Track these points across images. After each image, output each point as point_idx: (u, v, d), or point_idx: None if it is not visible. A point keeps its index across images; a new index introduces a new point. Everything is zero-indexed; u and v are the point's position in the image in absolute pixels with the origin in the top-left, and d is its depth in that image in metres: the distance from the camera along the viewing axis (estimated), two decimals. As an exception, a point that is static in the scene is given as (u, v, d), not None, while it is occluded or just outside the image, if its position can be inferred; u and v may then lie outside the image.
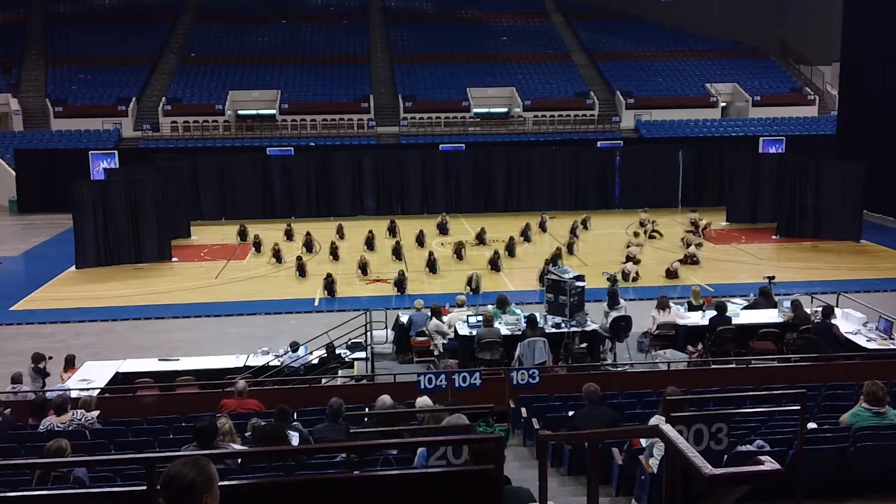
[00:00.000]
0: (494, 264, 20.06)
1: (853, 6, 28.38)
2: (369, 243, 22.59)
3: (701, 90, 38.83)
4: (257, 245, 22.80)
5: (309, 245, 22.70)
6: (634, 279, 18.60)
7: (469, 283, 17.93)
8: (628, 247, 20.92)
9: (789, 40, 42.74)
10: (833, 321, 12.53)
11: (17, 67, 38.23)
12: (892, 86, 25.92)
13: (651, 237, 23.36)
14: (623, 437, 7.57)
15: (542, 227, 24.72)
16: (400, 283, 18.27)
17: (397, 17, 44.66)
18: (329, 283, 18.21)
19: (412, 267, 20.55)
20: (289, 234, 24.21)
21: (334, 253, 21.57)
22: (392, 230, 24.20)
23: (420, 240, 23.01)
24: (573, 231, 22.83)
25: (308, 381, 11.71)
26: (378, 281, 19.44)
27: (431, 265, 19.86)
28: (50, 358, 12.41)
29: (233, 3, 45.31)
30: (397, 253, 21.37)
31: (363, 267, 19.75)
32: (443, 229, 24.92)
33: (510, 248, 21.50)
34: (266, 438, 7.04)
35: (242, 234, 24.36)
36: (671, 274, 19.04)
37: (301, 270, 19.86)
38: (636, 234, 22.74)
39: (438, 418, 7.26)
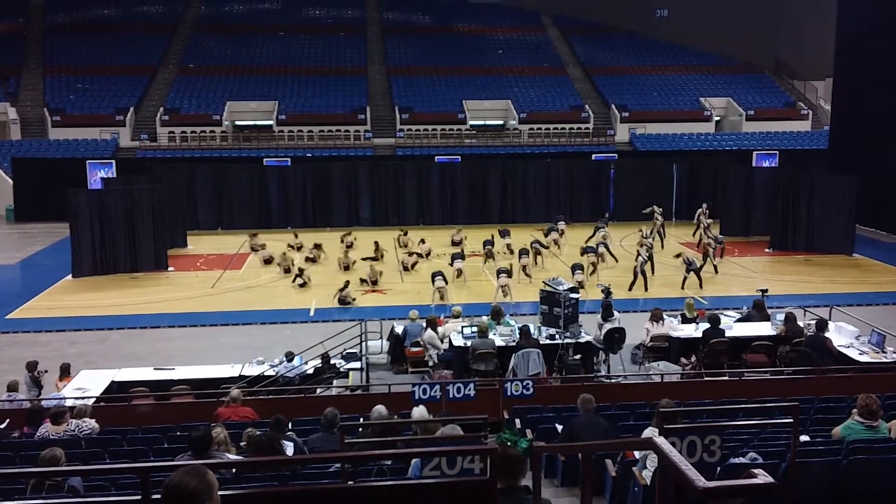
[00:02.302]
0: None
1: (846, 22, 28.64)
2: (376, 254, 22.44)
3: (695, 104, 39.06)
4: (268, 260, 22.43)
5: (313, 256, 22.54)
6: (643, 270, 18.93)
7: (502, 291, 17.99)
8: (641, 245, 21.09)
9: (783, 56, 43.05)
10: (826, 335, 12.60)
11: (15, 76, 38.29)
12: (884, 101, 26.14)
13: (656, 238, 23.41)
14: (616, 448, 7.60)
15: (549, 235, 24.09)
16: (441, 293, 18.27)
17: (394, 30, 44.89)
18: (344, 294, 18.20)
19: (410, 278, 20.61)
20: (298, 247, 23.70)
21: (345, 264, 21.43)
22: (401, 241, 24.16)
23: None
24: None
25: (303, 390, 11.74)
26: (375, 292, 19.46)
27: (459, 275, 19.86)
28: (45, 371, 12.40)
29: (231, 14, 45.53)
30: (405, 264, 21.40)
31: (371, 279, 19.76)
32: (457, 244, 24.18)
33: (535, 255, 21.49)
34: (261, 448, 7.06)
35: (255, 246, 23.87)
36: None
37: (304, 281, 19.85)
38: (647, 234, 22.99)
39: (429, 429, 7.29)
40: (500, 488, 3.98)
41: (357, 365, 13.41)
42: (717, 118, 39.19)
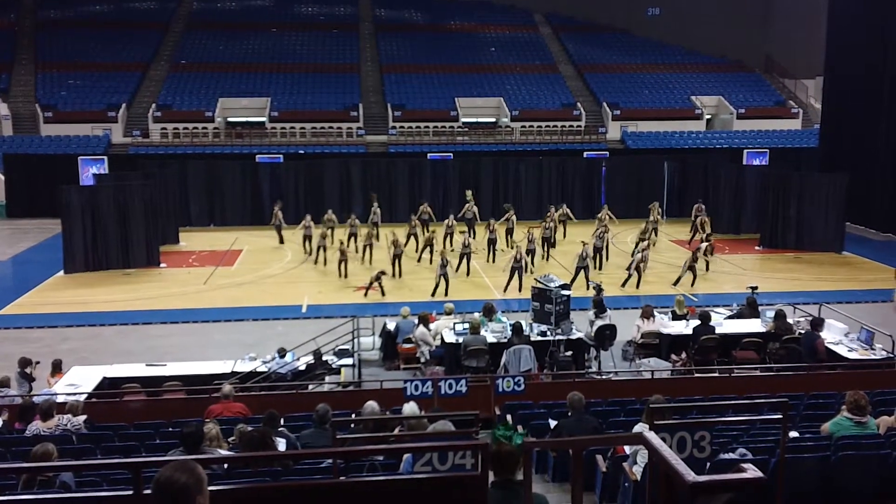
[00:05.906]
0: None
1: (837, 21, 28.78)
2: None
3: (686, 103, 39.16)
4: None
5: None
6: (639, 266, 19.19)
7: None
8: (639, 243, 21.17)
9: (774, 54, 43.21)
10: (821, 334, 12.61)
11: (6, 72, 38.06)
12: (874, 99, 26.29)
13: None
14: (607, 444, 7.65)
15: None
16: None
17: (387, 28, 44.84)
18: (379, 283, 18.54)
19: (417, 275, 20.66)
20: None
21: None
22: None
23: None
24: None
25: (295, 387, 11.75)
26: (363, 288, 19.46)
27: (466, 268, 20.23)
28: (37, 363, 12.38)
29: (224, 11, 45.39)
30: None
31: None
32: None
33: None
34: (252, 444, 7.07)
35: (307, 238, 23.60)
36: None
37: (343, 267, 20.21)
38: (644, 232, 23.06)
39: (419, 425, 7.31)
40: (495, 481, 4.01)
41: (349, 361, 13.42)
42: (709, 116, 39.31)
